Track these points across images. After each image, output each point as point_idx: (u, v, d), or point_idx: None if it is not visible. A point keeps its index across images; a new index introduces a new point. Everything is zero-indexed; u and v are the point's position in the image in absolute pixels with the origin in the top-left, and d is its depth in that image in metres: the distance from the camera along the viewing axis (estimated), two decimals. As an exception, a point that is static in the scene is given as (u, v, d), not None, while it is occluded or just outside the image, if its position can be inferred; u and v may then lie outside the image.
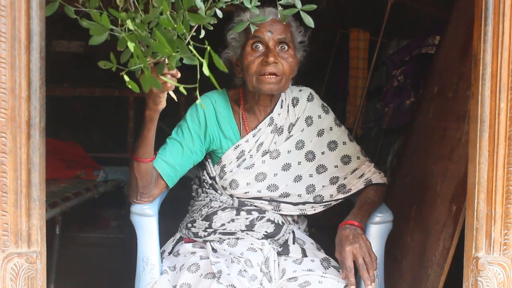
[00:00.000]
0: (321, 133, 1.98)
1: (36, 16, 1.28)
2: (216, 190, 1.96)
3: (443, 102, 2.41)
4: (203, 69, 1.19)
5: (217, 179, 1.95)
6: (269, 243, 1.86)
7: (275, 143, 1.95)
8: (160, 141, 1.86)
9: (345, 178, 1.97)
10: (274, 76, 1.81)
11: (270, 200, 1.94)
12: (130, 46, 1.19)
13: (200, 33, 1.29)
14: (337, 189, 1.96)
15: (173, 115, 2.76)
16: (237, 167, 1.93)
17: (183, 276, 1.73)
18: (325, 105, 2.04)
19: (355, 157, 1.99)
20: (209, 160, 1.98)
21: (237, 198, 1.94)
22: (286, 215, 1.98)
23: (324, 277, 1.74)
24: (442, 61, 2.62)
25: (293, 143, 1.96)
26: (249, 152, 1.93)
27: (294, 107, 1.99)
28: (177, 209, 2.18)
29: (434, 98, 2.54)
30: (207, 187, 1.97)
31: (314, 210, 1.97)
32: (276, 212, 1.94)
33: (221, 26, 1.64)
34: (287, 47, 1.84)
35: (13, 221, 1.34)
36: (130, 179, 1.83)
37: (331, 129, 2.00)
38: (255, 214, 1.90)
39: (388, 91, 3.66)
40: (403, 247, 2.32)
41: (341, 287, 1.72)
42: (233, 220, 1.88)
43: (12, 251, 1.34)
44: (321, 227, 2.60)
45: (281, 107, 1.96)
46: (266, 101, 1.93)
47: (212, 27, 1.28)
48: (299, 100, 1.99)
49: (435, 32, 3.20)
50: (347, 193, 1.97)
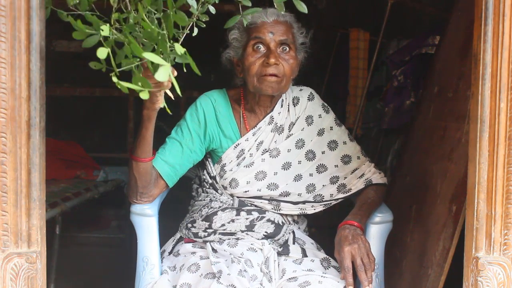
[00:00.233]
0: (321, 133, 1.98)
1: (36, 16, 1.28)
2: (216, 189, 1.96)
3: (443, 102, 2.41)
4: (157, 75, 1.17)
5: (217, 178, 1.95)
6: (269, 243, 1.86)
7: (275, 142, 1.95)
8: (160, 140, 1.86)
9: (345, 178, 1.97)
10: (274, 77, 1.82)
11: (270, 199, 1.94)
12: (101, 54, 1.17)
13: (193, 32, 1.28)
14: (337, 188, 1.96)
15: (173, 115, 2.76)
16: (237, 166, 1.93)
17: (183, 276, 1.73)
18: (326, 104, 2.04)
19: (355, 157, 1.99)
20: (209, 159, 1.98)
21: (237, 197, 1.94)
22: (286, 215, 1.98)
23: (324, 277, 1.74)
24: (442, 61, 2.62)
25: (293, 142, 1.96)
26: (249, 150, 1.93)
27: (294, 106, 1.99)
28: (177, 209, 2.18)
29: (434, 98, 2.54)
30: (208, 186, 1.97)
31: (314, 209, 1.97)
32: (276, 212, 1.94)
33: (223, 25, 1.64)
34: (288, 49, 1.84)
35: (13, 221, 1.34)
36: (129, 179, 1.83)
37: (332, 128, 2.00)
38: (255, 214, 1.90)
39: (388, 91, 3.66)
40: (403, 247, 2.32)
41: (340, 287, 1.72)
42: (233, 220, 1.88)
43: (12, 251, 1.34)
44: (321, 227, 2.60)
45: (282, 106, 1.96)
46: (266, 101, 1.93)
47: (204, 25, 1.28)
48: (299, 99, 1.99)
49: (435, 32, 3.20)
50: (347, 193, 1.97)
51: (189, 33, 1.28)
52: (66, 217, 2.97)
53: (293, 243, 1.90)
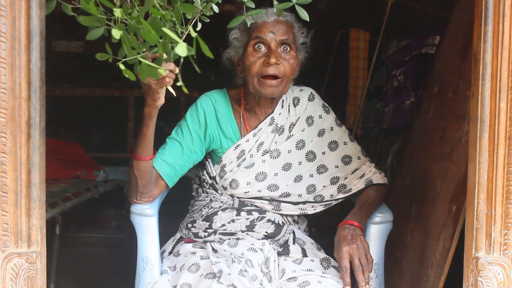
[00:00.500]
0: (321, 133, 1.98)
1: (36, 16, 1.28)
2: (216, 190, 1.96)
3: (443, 102, 2.41)
4: (177, 51, 1.17)
5: (217, 179, 1.95)
6: (270, 244, 1.86)
7: (275, 142, 1.95)
8: (159, 141, 1.86)
9: (345, 178, 1.97)
10: (275, 80, 1.81)
11: (270, 199, 1.94)
12: (116, 34, 1.17)
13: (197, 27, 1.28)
14: (337, 189, 1.96)
15: (173, 114, 2.76)
16: (237, 166, 1.93)
17: (183, 276, 1.73)
18: (326, 105, 2.04)
19: (355, 157, 1.99)
20: (209, 159, 1.98)
21: (238, 198, 1.94)
22: (286, 215, 1.98)
23: (323, 277, 1.74)
24: (442, 61, 2.62)
25: (293, 143, 1.96)
26: (249, 151, 1.93)
27: (295, 106, 1.99)
28: (177, 209, 2.18)
29: (434, 98, 2.54)
30: (207, 187, 1.97)
31: (314, 209, 1.97)
32: (276, 212, 1.94)
33: (222, 26, 1.64)
34: (289, 48, 1.84)
35: (13, 221, 1.34)
36: (129, 179, 1.83)
37: (332, 129, 2.00)
38: (256, 214, 1.90)
39: (388, 91, 3.66)
40: (403, 247, 2.32)
41: (340, 287, 1.72)
42: (233, 220, 1.88)
43: (12, 251, 1.34)
44: (321, 227, 2.60)
45: (282, 106, 1.96)
46: (267, 102, 1.93)
47: (208, 19, 1.28)
48: (300, 100, 1.99)
49: (435, 32, 3.20)
50: (348, 193, 1.97)
51: (192, 28, 1.28)
52: (66, 217, 2.97)
53: (293, 243, 1.90)
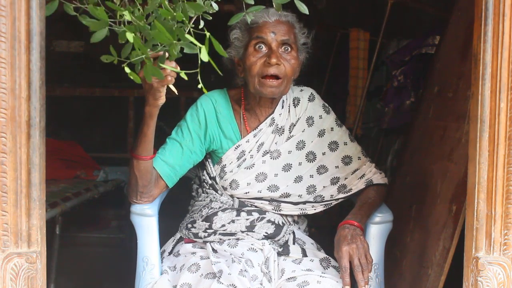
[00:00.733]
0: (322, 134, 1.98)
1: (36, 16, 1.28)
2: (216, 190, 1.96)
3: (443, 102, 2.41)
4: (202, 57, 1.19)
5: (217, 179, 1.95)
6: (270, 244, 1.86)
7: (275, 143, 1.95)
8: (159, 140, 1.86)
9: (345, 178, 1.97)
10: (275, 80, 1.81)
11: (270, 200, 1.94)
12: (129, 37, 1.19)
13: (199, 25, 1.28)
14: (337, 189, 1.96)
15: (173, 114, 2.76)
16: (238, 167, 1.93)
17: (183, 276, 1.73)
18: (326, 105, 2.03)
19: (356, 157, 1.99)
20: (209, 160, 1.98)
21: (237, 198, 1.94)
22: (286, 215, 1.98)
23: (322, 277, 1.74)
24: (442, 61, 2.62)
25: (293, 144, 1.95)
26: (249, 152, 1.93)
27: (295, 107, 1.98)
28: (177, 209, 2.18)
29: (434, 98, 2.54)
30: (207, 187, 1.97)
31: (314, 209, 1.97)
32: (276, 212, 1.94)
33: (222, 26, 1.64)
34: (290, 49, 1.84)
35: (13, 221, 1.34)
36: (129, 179, 1.83)
37: (332, 129, 2.00)
38: (256, 215, 1.90)
39: (388, 91, 3.66)
40: (403, 247, 2.32)
41: (339, 287, 1.72)
42: (233, 221, 1.88)
43: (12, 251, 1.34)
44: (321, 227, 2.60)
45: (282, 107, 1.96)
46: (267, 102, 1.93)
47: (210, 17, 1.28)
48: (300, 100, 1.99)
49: (435, 32, 3.20)
50: (348, 193, 1.97)
51: (193, 26, 1.28)
52: (66, 217, 2.98)
53: (293, 244, 1.90)
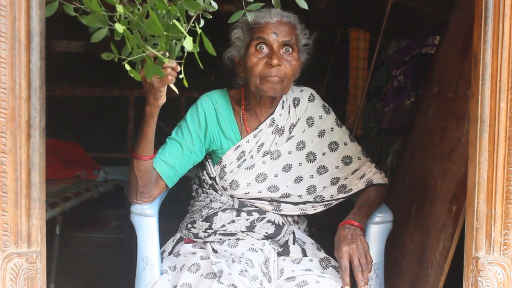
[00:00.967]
0: (322, 134, 1.98)
1: (36, 16, 1.28)
2: (216, 190, 1.96)
3: (443, 102, 2.41)
4: (185, 44, 1.18)
5: (217, 180, 1.95)
6: (270, 244, 1.86)
7: (276, 143, 1.95)
8: (159, 140, 1.86)
9: (346, 178, 1.97)
10: (277, 77, 1.81)
11: (270, 200, 1.93)
12: (119, 28, 1.18)
13: (199, 24, 1.28)
14: (337, 189, 1.96)
15: (173, 114, 2.76)
16: (238, 167, 1.93)
17: (183, 276, 1.73)
18: (326, 105, 2.03)
19: (356, 157, 1.99)
20: (209, 160, 1.98)
21: (238, 198, 1.94)
22: (286, 215, 1.98)
23: (321, 277, 1.74)
24: (442, 61, 2.62)
25: (294, 144, 1.95)
26: (249, 152, 1.93)
27: (295, 107, 1.98)
28: (177, 209, 2.18)
29: (434, 98, 2.54)
30: (207, 187, 1.97)
31: (314, 209, 1.97)
32: (276, 212, 1.94)
33: (222, 26, 1.64)
34: (291, 50, 1.84)
35: (13, 221, 1.34)
36: (129, 179, 1.83)
37: (332, 129, 2.00)
38: (256, 215, 1.90)
39: (388, 91, 3.66)
40: (403, 247, 2.32)
41: (338, 287, 1.72)
42: (233, 221, 1.88)
43: (12, 251, 1.34)
44: (321, 227, 2.60)
45: (282, 107, 1.96)
46: (267, 101, 1.93)
47: (211, 16, 1.28)
48: (300, 100, 1.99)
49: (435, 32, 3.20)
50: (348, 193, 1.97)
51: (193, 25, 1.28)
52: (66, 217, 2.98)
53: (293, 244, 1.90)
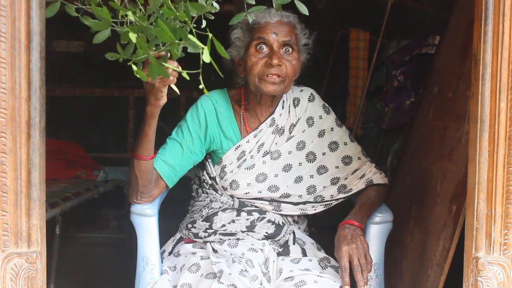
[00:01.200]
0: (322, 134, 1.98)
1: (36, 16, 1.28)
2: (216, 190, 1.96)
3: (443, 102, 2.41)
4: (204, 57, 1.19)
5: (217, 180, 1.95)
6: (270, 244, 1.86)
7: (276, 143, 1.95)
8: (160, 141, 1.86)
9: (346, 178, 1.97)
10: (277, 77, 1.81)
11: (270, 200, 1.93)
12: (132, 37, 1.19)
13: (201, 25, 1.28)
14: (337, 189, 1.96)
15: (173, 114, 2.76)
16: (238, 167, 1.93)
17: (183, 276, 1.73)
18: (326, 105, 2.03)
19: (356, 157, 1.99)
20: (209, 160, 1.98)
21: (238, 198, 1.94)
22: (286, 215, 1.98)
23: (320, 277, 1.74)
24: (442, 61, 2.62)
25: (294, 144, 1.95)
26: (249, 152, 1.93)
27: (295, 107, 1.98)
28: (177, 209, 2.18)
29: (434, 98, 2.54)
30: (207, 187, 1.97)
31: (314, 209, 1.97)
32: (276, 212, 1.94)
33: (222, 26, 1.63)
34: (291, 50, 1.84)
35: (13, 221, 1.34)
36: (130, 179, 1.83)
37: (332, 129, 2.00)
38: (256, 215, 1.90)
39: (388, 91, 3.66)
40: (403, 247, 2.32)
41: (337, 287, 1.72)
42: (233, 221, 1.88)
43: (12, 251, 1.34)
44: (321, 227, 2.60)
45: (283, 107, 1.96)
46: (267, 101, 1.93)
47: (213, 17, 1.28)
48: (300, 100, 1.99)
49: (435, 32, 3.20)
50: (348, 193, 1.97)
51: (195, 26, 1.28)
52: (66, 217, 2.97)
53: (294, 244, 1.90)
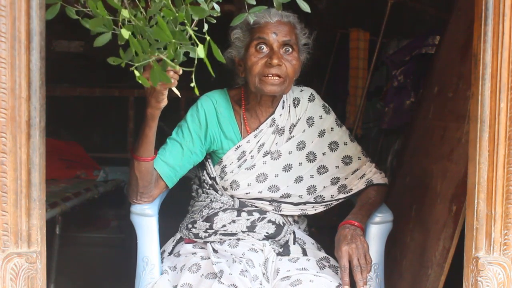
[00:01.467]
0: (322, 134, 1.98)
1: (36, 16, 1.28)
2: (216, 190, 1.96)
3: (443, 102, 2.41)
4: (198, 52, 1.18)
5: (218, 180, 1.95)
6: (270, 244, 1.86)
7: (276, 144, 1.95)
8: (160, 141, 1.86)
9: (346, 178, 1.97)
10: (277, 77, 1.81)
11: (271, 200, 1.93)
12: (125, 34, 1.18)
13: (203, 28, 1.28)
14: (338, 189, 1.96)
15: (173, 115, 2.77)
16: (238, 167, 1.93)
17: (184, 276, 1.73)
18: (326, 105, 2.03)
19: (356, 157, 1.99)
20: (209, 160, 1.97)
21: (238, 198, 1.94)
22: (286, 215, 1.98)
23: (316, 276, 1.74)
24: (442, 61, 2.62)
25: (294, 144, 1.95)
26: (250, 152, 1.93)
27: (295, 107, 1.98)
28: (177, 209, 2.18)
29: (434, 98, 2.54)
30: (207, 187, 1.97)
31: (315, 210, 1.97)
32: (276, 212, 1.94)
33: (222, 26, 1.63)
34: (291, 50, 1.84)
35: (13, 221, 1.34)
36: (130, 179, 1.83)
37: (332, 129, 2.00)
38: (256, 215, 1.90)
39: (388, 91, 3.66)
40: (403, 247, 2.32)
41: (333, 286, 1.72)
42: (234, 221, 1.88)
43: (12, 251, 1.34)
44: (321, 227, 2.60)
45: (283, 107, 1.96)
46: (267, 101, 1.93)
47: (214, 20, 1.28)
48: (300, 100, 1.99)
49: (435, 32, 3.20)
50: (348, 193, 1.97)
51: (197, 29, 1.28)
52: (66, 217, 2.97)
53: (294, 244, 1.90)
